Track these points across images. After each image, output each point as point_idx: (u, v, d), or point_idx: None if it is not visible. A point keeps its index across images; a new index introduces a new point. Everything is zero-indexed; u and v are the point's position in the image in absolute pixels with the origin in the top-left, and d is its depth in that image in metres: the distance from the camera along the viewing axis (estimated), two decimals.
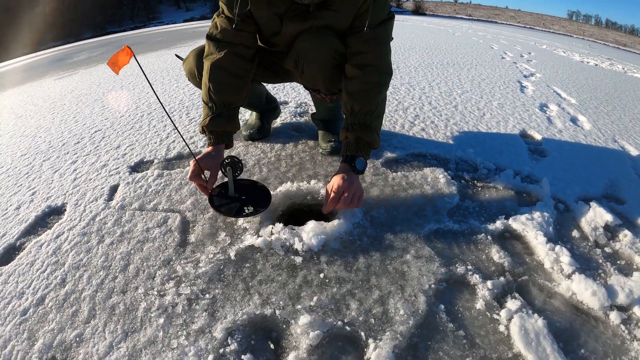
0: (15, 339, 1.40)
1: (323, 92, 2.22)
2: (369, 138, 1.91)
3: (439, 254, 1.67)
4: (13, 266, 1.77)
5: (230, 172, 1.89)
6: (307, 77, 2.17)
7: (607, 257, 1.76)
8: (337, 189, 1.79)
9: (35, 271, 1.71)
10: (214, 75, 1.95)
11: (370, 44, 1.95)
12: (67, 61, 12.08)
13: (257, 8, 1.91)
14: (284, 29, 2.00)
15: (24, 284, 1.65)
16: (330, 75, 2.11)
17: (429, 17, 44.58)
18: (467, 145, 2.72)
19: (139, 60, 1.63)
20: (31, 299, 1.56)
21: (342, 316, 1.40)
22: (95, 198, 2.22)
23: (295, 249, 1.67)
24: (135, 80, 5.67)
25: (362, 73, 1.93)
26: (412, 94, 4.07)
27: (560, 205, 2.10)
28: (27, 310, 1.52)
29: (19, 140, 3.59)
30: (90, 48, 16.02)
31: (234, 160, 1.92)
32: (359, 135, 1.91)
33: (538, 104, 4.07)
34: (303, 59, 2.04)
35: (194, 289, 1.52)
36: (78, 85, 6.29)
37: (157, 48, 10.85)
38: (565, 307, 1.48)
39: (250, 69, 2.06)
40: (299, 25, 1.97)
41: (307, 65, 2.07)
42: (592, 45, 22.32)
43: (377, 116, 1.98)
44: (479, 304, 1.46)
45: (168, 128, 3.21)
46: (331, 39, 1.97)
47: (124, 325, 1.40)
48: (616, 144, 3.12)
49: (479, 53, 8.00)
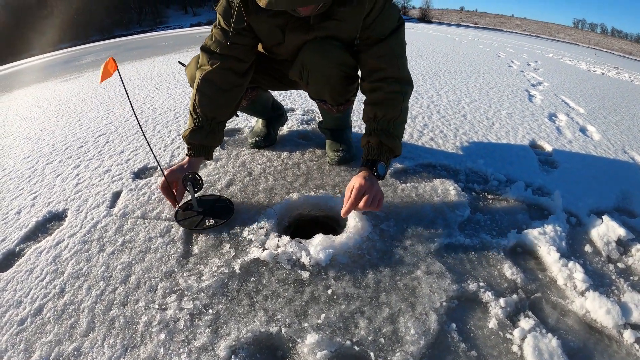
0: (11, 350, 1.37)
1: (329, 103, 2.21)
2: (391, 144, 1.90)
3: (450, 270, 1.63)
4: (12, 273, 1.73)
5: (191, 188, 1.93)
6: (313, 89, 2.16)
7: (620, 272, 1.72)
8: (358, 189, 1.74)
9: (34, 279, 1.67)
10: (202, 88, 1.98)
11: (385, 59, 1.92)
12: (74, 63, 12.14)
13: (255, 21, 1.89)
14: (287, 40, 1.98)
15: (22, 292, 1.61)
16: (336, 87, 2.10)
17: (435, 24, 44.77)
18: (477, 155, 2.69)
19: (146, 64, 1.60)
20: (29, 308, 1.52)
21: (350, 335, 1.35)
22: (97, 204, 2.18)
23: (302, 263, 1.63)
24: (142, 83, 5.68)
25: (384, 84, 1.92)
26: (420, 102, 4.05)
27: (572, 219, 2.06)
28: (24, 320, 1.48)
29: (22, 143, 3.57)
30: (97, 51, 16.10)
31: (194, 176, 1.95)
32: (382, 140, 1.89)
33: (547, 114, 4.05)
34: (308, 71, 2.03)
35: (196, 303, 1.48)
36: (84, 87, 6.30)
37: (163, 52, 10.92)
38: (579, 326, 1.44)
39: (241, 83, 2.07)
40: (303, 36, 1.95)
41: (312, 77, 2.06)
42: (598, 53, 22.34)
43: (400, 123, 1.96)
44: (491, 323, 1.41)
45: (173, 134, 3.19)
46: (337, 51, 1.95)
47: (123, 340, 1.36)
48: (626, 155, 3.09)
49: (486, 61, 7.99)
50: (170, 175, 1.92)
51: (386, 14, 1.89)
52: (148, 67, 7.80)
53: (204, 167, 2.51)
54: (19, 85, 9.01)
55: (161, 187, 1.94)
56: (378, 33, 1.90)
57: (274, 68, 2.33)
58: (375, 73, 1.94)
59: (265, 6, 1.49)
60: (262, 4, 1.50)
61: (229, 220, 1.93)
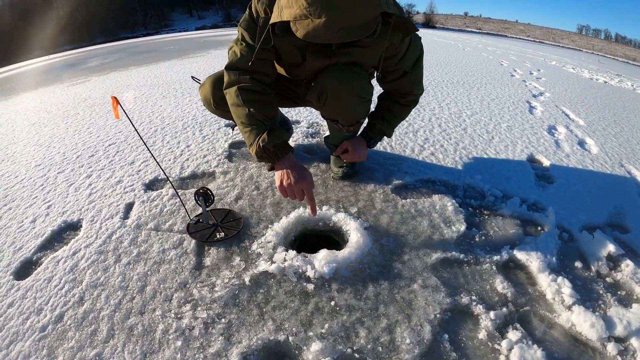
0: (34, 355, 1.45)
1: (341, 124, 2.26)
2: (388, 133, 2.40)
3: (445, 284, 1.72)
4: (30, 281, 1.81)
5: (202, 202, 2.01)
6: (328, 111, 2.22)
7: (608, 287, 1.80)
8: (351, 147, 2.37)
9: (52, 288, 1.75)
10: (248, 98, 1.93)
11: (407, 87, 2.21)
12: (80, 67, 12.19)
13: (279, 42, 1.91)
14: (308, 63, 2.03)
15: (42, 300, 1.69)
16: (352, 112, 2.18)
17: (439, 30, 44.78)
18: (476, 171, 2.75)
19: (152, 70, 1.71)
20: (50, 315, 1.61)
21: (351, 344, 1.45)
22: (111, 215, 2.26)
23: (307, 276, 1.73)
24: (149, 91, 5.75)
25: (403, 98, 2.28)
26: (422, 115, 4.11)
27: (565, 235, 2.13)
28: (46, 326, 1.56)
29: (32, 150, 3.64)
30: (102, 54, 16.15)
31: (206, 191, 2.02)
32: (384, 128, 2.36)
33: (546, 126, 4.10)
34: (327, 95, 2.08)
35: (210, 312, 1.57)
36: (91, 93, 6.37)
37: (169, 57, 10.93)
38: (564, 338, 1.53)
39: (271, 92, 2.06)
40: (324, 60, 2.00)
41: (329, 101, 2.12)
42: (602, 60, 22.32)
43: (402, 120, 2.45)
44: (481, 334, 1.51)
45: (182, 145, 3.26)
46: (358, 80, 2.03)
47: (142, 347, 1.45)
48: (623, 169, 3.14)
49: (489, 70, 8.05)
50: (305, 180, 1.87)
51: (412, 48, 2.03)
52: (154, 72, 7.86)
53: (213, 180, 2.60)
54: (25, 88, 9.06)
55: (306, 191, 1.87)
56: (405, 66, 2.06)
57: (287, 87, 2.38)
58: (396, 92, 2.28)
59: (303, 37, 1.52)
60: (299, 35, 1.52)
61: (238, 234, 2.02)
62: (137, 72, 8.34)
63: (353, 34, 1.49)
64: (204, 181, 2.63)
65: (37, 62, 19.74)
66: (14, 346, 1.49)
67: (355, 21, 1.47)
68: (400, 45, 1.97)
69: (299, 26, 1.51)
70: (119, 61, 11.87)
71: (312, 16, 1.45)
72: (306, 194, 1.87)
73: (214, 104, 2.27)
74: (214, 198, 2.03)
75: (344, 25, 1.45)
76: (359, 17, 1.47)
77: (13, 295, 1.74)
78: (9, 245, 2.12)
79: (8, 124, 5.00)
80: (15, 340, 1.52)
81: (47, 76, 11.18)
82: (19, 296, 1.73)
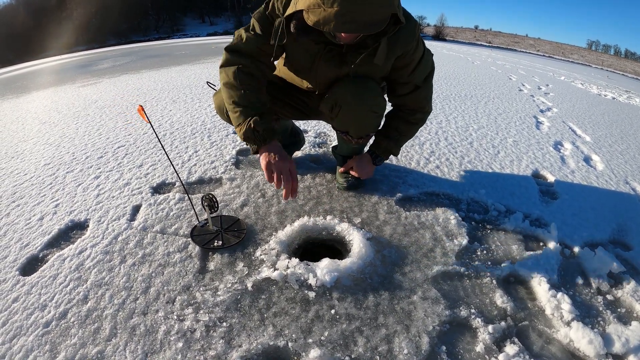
0: (37, 350, 1.47)
1: (351, 135, 2.28)
2: (395, 151, 2.42)
3: (445, 296, 1.73)
4: (36, 278, 1.84)
5: (207, 208, 2.03)
6: (340, 122, 2.24)
7: (608, 304, 1.80)
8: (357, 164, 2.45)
9: (58, 285, 1.78)
10: (245, 80, 1.93)
11: (417, 103, 2.21)
12: (91, 68, 12.31)
13: (291, 42, 1.92)
14: (319, 71, 2.06)
15: (46, 297, 1.72)
16: (364, 124, 2.21)
17: (449, 42, 44.78)
18: (480, 185, 2.76)
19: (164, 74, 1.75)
20: (54, 312, 1.63)
21: (350, 352, 1.46)
22: (118, 217, 2.29)
23: (309, 284, 1.74)
24: (159, 95, 5.80)
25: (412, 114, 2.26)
26: (429, 128, 4.12)
27: (567, 251, 2.13)
28: (49, 322, 1.59)
29: (42, 148, 3.69)
30: (114, 56, 16.28)
31: (212, 198, 2.03)
32: (390, 147, 2.37)
33: (552, 142, 4.10)
34: (340, 108, 2.12)
35: (212, 316, 1.59)
36: (102, 95, 6.43)
37: (180, 62, 11.02)
38: (561, 354, 1.53)
39: (265, 84, 2.07)
40: (335, 70, 2.03)
41: (342, 114, 2.15)
42: (611, 76, 22.25)
43: (409, 138, 2.43)
44: (478, 347, 1.51)
45: (190, 150, 3.29)
46: (373, 94, 2.08)
47: (144, 346, 1.47)
48: (627, 186, 3.14)
49: (497, 85, 8.05)
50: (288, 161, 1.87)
51: (424, 62, 2.06)
52: (165, 77, 7.94)
53: (219, 186, 2.63)
54: (37, 86, 9.17)
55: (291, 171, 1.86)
56: (417, 80, 2.08)
57: (299, 99, 2.39)
58: (405, 107, 2.26)
59: (313, 24, 1.55)
60: (310, 22, 1.56)
61: (237, 244, 2.02)
62: (148, 75, 8.42)
63: (362, 28, 1.54)
64: (211, 187, 2.65)
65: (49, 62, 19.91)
66: (17, 340, 1.52)
67: (365, 17, 1.51)
68: (413, 55, 1.99)
69: (310, 14, 1.55)
70: (130, 64, 11.97)
71: (325, 5, 1.50)
72: (292, 173, 1.86)
73: (226, 113, 2.26)
74: (218, 206, 2.05)
75: (354, 18, 1.49)
76: (370, 14, 1.51)
77: (18, 290, 1.77)
78: (15, 241, 2.15)
79: (19, 122, 5.07)
80: (18, 335, 1.54)
81: (59, 76, 11.29)
82: (24, 292, 1.75)
